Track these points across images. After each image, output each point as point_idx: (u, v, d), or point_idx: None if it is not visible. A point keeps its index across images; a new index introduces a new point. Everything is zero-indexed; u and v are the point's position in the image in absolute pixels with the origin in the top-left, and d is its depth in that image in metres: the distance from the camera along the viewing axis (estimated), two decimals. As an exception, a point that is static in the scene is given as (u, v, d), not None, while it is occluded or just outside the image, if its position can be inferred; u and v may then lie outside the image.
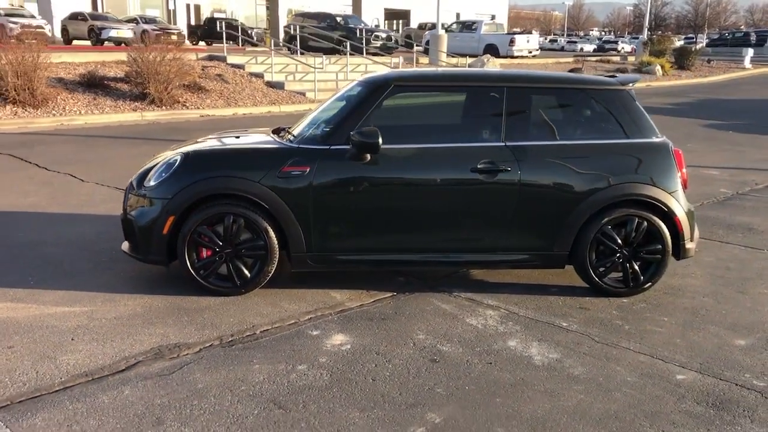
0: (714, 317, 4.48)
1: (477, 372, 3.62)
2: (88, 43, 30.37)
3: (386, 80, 4.72)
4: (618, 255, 4.71)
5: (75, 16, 31.52)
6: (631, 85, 4.95)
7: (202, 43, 35.65)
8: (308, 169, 4.48)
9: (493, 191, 4.57)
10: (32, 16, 30.19)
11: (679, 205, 4.70)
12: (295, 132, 4.89)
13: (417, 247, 4.65)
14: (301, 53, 22.67)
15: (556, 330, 4.20)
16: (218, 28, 32.40)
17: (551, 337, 4.09)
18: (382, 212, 4.57)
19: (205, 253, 4.55)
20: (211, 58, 19.58)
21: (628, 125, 4.75)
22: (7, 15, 28.69)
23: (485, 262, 4.75)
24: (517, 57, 31.49)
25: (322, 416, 3.14)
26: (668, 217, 4.70)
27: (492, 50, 31.09)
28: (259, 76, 18.45)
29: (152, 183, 4.60)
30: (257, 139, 5.06)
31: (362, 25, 26.13)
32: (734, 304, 4.71)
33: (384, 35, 25.81)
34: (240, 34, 29.48)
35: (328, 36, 24.50)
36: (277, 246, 4.55)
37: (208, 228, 4.51)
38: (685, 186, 4.81)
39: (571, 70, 7.13)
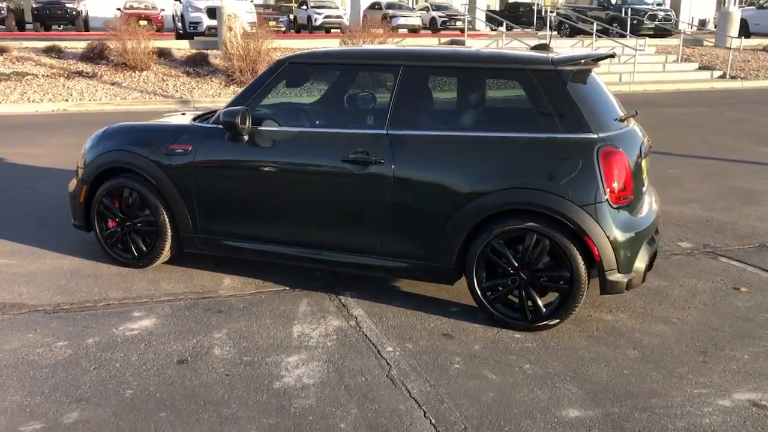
0: (597, 376, 3.35)
1: (196, 382, 3.24)
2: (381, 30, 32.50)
3: (285, 58, 4.36)
4: (513, 278, 3.76)
5: (372, 6, 33.93)
6: (577, 63, 3.87)
7: (502, 28, 35.99)
8: (191, 148, 4.37)
9: (364, 185, 3.97)
10: (336, 8, 33.34)
11: (594, 224, 3.58)
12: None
13: (294, 241, 4.26)
14: (567, 36, 21.72)
15: (354, 355, 3.52)
16: (519, 13, 32.33)
17: (340, 363, 3.45)
18: (258, 199, 4.27)
19: (111, 223, 4.72)
20: (452, 42, 19.68)
21: (547, 115, 3.74)
22: (314, 7, 32.11)
23: (360, 266, 4.14)
24: None
25: (-13, 392, 3.12)
26: (578, 237, 3.61)
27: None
28: (491, 60, 18.03)
29: (82, 152, 4.90)
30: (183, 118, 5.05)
31: (639, 4, 23.79)
32: (658, 367, 3.46)
33: (662, 14, 23.19)
34: (535, 17, 28.98)
35: (595, 17, 22.87)
36: (167, 223, 4.53)
37: (113, 200, 4.67)
38: (616, 200, 3.63)
39: (535, 47, 5.57)
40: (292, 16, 34.35)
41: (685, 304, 4.24)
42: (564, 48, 19.85)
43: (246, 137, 4.20)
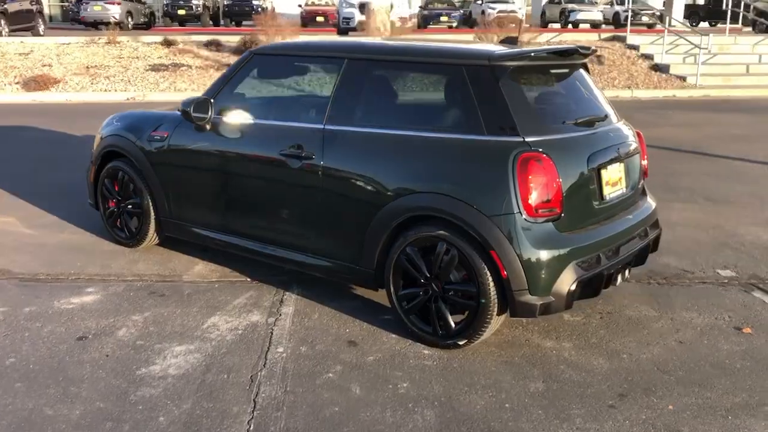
0: (470, 406, 3.00)
1: (74, 359, 3.35)
2: (558, 25, 31.35)
3: (251, 50, 4.37)
4: (425, 289, 3.49)
5: (551, 0, 32.77)
6: (522, 59, 3.48)
7: (704, 24, 33.37)
8: (166, 135, 4.53)
9: (296, 180, 3.89)
10: (512, 2, 32.63)
11: (502, 237, 3.20)
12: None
13: (247, 233, 4.25)
14: (762, 32, 19.72)
15: (240, 352, 3.44)
16: (723, 7, 29.52)
17: (219, 358, 3.40)
18: (217, 188, 4.33)
19: (111, 203, 5.03)
20: (613, 38, 18.51)
21: (473, 115, 3.40)
22: (488, 2, 31.73)
23: (296, 262, 4.03)
24: None
25: None
26: (485, 250, 3.26)
27: None
28: (649, 57, 16.71)
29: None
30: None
31: None
32: (552, 406, 3.03)
33: None
34: (751, 12, 26.33)
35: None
36: (151, 207, 4.73)
37: (113, 182, 4.96)
38: (533, 213, 3.22)
39: (503, 41, 4.78)
40: (467, 12, 34.20)
41: (655, 340, 3.66)
42: (744, 45, 17.89)
43: (207, 126, 4.27)
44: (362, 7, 18.50)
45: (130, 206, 4.86)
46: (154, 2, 32.40)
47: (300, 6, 31.47)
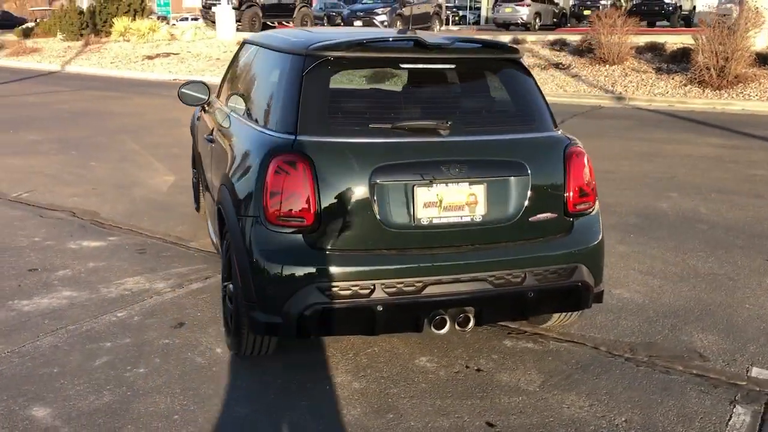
0: (149, 409, 2.86)
1: (-1, 282, 4.12)
2: None
3: (244, 39, 4.59)
4: (226, 286, 3.37)
5: None
6: (343, 49, 3.05)
7: None
8: (200, 115, 5.05)
9: (209, 160, 4.06)
10: None
11: (241, 241, 2.94)
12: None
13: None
14: None
15: (92, 311, 3.74)
16: None
17: (70, 311, 3.78)
18: (206, 163, 4.69)
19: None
20: None
21: (276, 109, 3.15)
22: None
23: (213, 242, 4.16)
24: None
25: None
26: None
27: None
28: None
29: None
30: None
31: None
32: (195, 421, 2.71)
33: None
34: None
35: None
36: (200, 178, 5.31)
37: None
38: (274, 219, 2.85)
39: (399, 32, 2.89)
40: None
41: (465, 412, 2.85)
42: None
43: (207, 107, 4.64)
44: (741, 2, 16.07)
45: (195, 178, 5.49)
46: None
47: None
